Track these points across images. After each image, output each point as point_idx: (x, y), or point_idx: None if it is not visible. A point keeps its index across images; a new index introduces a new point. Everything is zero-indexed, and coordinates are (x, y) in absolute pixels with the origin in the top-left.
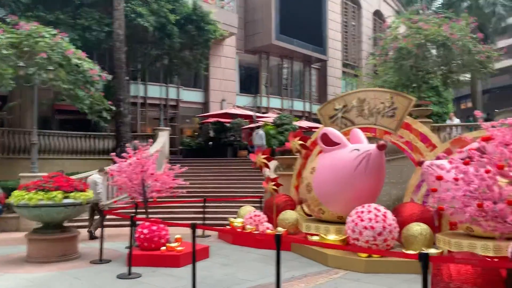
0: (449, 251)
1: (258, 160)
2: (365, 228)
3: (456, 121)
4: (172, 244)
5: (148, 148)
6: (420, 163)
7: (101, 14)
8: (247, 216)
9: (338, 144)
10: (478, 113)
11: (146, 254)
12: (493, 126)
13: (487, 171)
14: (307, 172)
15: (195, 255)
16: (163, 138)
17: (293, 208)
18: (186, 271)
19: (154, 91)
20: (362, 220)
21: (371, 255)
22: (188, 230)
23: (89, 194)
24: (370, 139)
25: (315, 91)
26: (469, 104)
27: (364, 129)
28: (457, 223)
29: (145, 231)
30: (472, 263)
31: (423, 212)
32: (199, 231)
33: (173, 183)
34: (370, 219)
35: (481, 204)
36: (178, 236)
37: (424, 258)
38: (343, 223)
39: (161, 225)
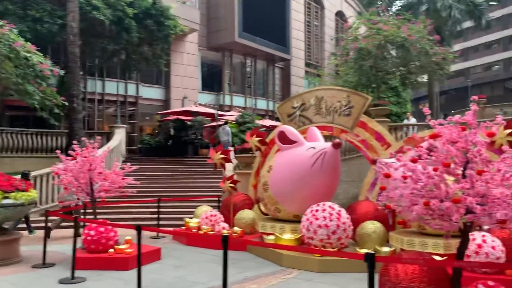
0: (401, 249)
1: (216, 158)
2: (320, 226)
3: (413, 120)
4: (121, 246)
5: (97, 145)
6: (374, 162)
7: (53, 6)
8: (203, 216)
9: (295, 142)
10: (426, 110)
11: (92, 257)
12: (440, 124)
13: (435, 169)
14: (264, 170)
15: (145, 258)
16: (119, 135)
17: (251, 207)
18: (135, 274)
19: (112, 87)
20: (316, 219)
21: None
22: (142, 232)
23: (32, 194)
24: (328, 138)
25: (278, 90)
26: (427, 105)
27: (321, 128)
28: (405, 221)
29: (92, 232)
30: (417, 262)
31: (377, 210)
32: (153, 232)
33: (122, 182)
34: (325, 218)
35: (427, 202)
36: (128, 237)
37: (370, 259)
38: (299, 221)
39: (109, 227)
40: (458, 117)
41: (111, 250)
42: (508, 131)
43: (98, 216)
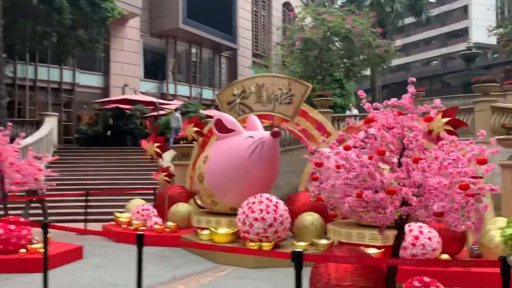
0: (339, 242)
1: (150, 148)
2: (256, 220)
3: (355, 111)
4: (35, 245)
5: (8, 133)
6: (312, 151)
7: None
8: (134, 210)
9: (232, 131)
10: (361, 93)
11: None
12: (376, 109)
13: (370, 157)
14: (200, 161)
15: (63, 257)
16: (49, 124)
17: (188, 200)
18: (50, 277)
19: (46, 73)
20: (253, 212)
21: (261, 248)
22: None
23: None
24: (269, 128)
25: (225, 80)
26: (370, 99)
27: (262, 116)
28: (337, 214)
29: (0, 231)
30: (348, 261)
31: (315, 201)
32: (81, 228)
33: (38, 174)
34: (261, 210)
35: (360, 193)
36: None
37: (296, 257)
38: (237, 215)
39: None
40: (395, 100)
41: (23, 250)
42: (446, 119)
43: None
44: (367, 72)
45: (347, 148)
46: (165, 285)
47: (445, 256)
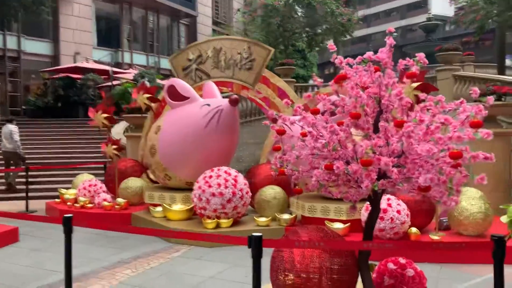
0: (303, 217)
1: (98, 118)
2: (213, 195)
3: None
4: None
5: None
6: (274, 120)
7: None
8: (81, 186)
9: (187, 98)
10: (331, 46)
11: None
12: (349, 65)
13: (340, 123)
14: (152, 132)
15: None
16: None
17: (140, 174)
18: None
19: None
20: (210, 186)
21: (219, 226)
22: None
23: None
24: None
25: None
26: (332, 70)
27: (220, 83)
28: (301, 190)
29: None
30: (314, 246)
31: (278, 175)
32: (22, 207)
33: None
34: (219, 185)
35: (330, 165)
36: None
37: (255, 242)
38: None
39: None
40: (371, 54)
41: None
42: (416, 84)
43: None
44: (330, 42)
45: (314, 112)
46: (108, 271)
47: (414, 230)
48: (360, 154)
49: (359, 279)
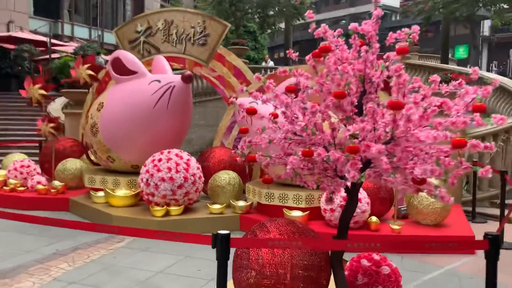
0: (259, 204)
1: (32, 92)
2: (163, 180)
3: (271, 63)
4: None
5: None
6: (231, 101)
7: None
8: (12, 166)
9: (134, 73)
10: (309, 15)
11: None
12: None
13: (314, 104)
14: (94, 109)
15: None
16: None
17: (80, 155)
18: None
19: None
20: (159, 171)
21: (168, 213)
22: None
23: None
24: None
25: None
26: (282, 54)
27: (171, 59)
28: (271, 179)
29: None
30: (284, 245)
31: (233, 157)
32: None
33: None
34: (169, 169)
35: (309, 151)
36: None
37: (222, 243)
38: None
39: None
40: (356, 25)
41: None
42: None
43: None
44: (282, 25)
45: (290, 90)
46: (41, 265)
47: (374, 219)
48: (343, 139)
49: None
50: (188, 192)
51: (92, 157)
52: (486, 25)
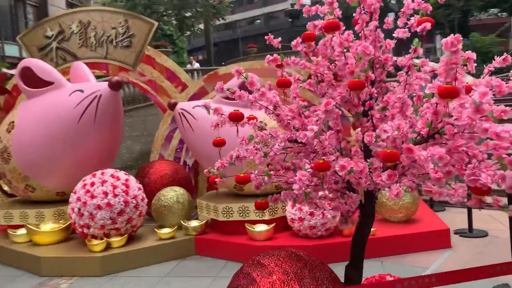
0: (214, 221)
1: None
2: (99, 207)
3: (196, 65)
4: None
5: None
6: (172, 106)
7: None
8: None
9: (50, 83)
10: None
11: None
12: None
13: (329, 102)
14: (2, 131)
15: None
16: None
17: None
18: None
19: None
20: (93, 197)
21: (109, 246)
22: None
23: None
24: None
25: None
26: (200, 57)
27: (91, 66)
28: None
29: None
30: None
31: (176, 171)
32: None
33: None
34: (106, 193)
35: (324, 164)
36: None
37: None
38: (68, 201)
39: None
40: None
41: None
42: None
43: None
44: (201, 26)
45: (283, 84)
46: None
47: None
48: (354, 142)
49: None
50: (130, 218)
51: (6, 188)
52: None
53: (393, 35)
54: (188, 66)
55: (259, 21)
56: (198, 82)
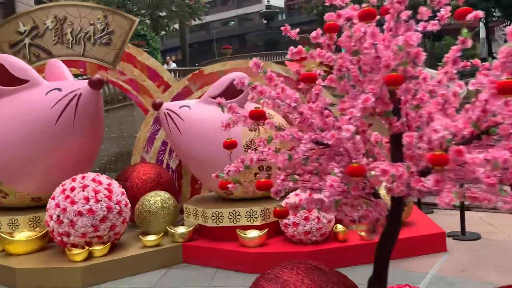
0: (202, 227)
1: None
2: (80, 214)
3: (173, 65)
4: None
5: None
6: (157, 106)
7: None
8: None
9: (25, 81)
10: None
11: None
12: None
13: (368, 98)
14: None
15: None
16: None
17: None
18: None
19: None
20: (73, 203)
21: (91, 255)
22: None
23: None
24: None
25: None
26: (174, 58)
27: (68, 64)
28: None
29: None
30: None
31: (160, 174)
32: None
33: None
34: (87, 199)
35: (359, 169)
36: None
37: None
38: (44, 207)
39: None
40: None
41: None
42: None
43: None
44: (176, 26)
45: (307, 79)
46: None
47: (340, 227)
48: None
49: None
50: (114, 225)
51: None
52: None
53: (417, 28)
54: (165, 66)
55: (233, 22)
56: (182, 81)
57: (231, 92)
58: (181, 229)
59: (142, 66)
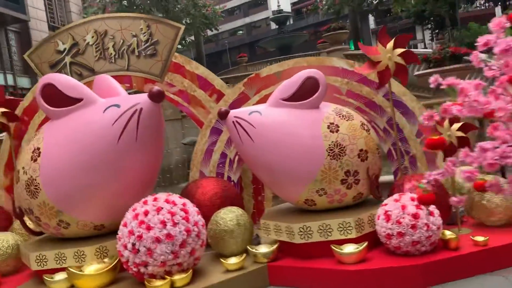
0: (286, 244)
1: None
2: (158, 240)
3: None
4: None
5: None
6: (223, 114)
7: None
8: None
9: (78, 100)
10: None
11: None
12: None
13: None
14: (25, 160)
15: None
16: None
17: (8, 226)
18: None
19: None
20: (149, 229)
21: (173, 286)
22: None
23: None
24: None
25: (18, 60)
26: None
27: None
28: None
29: None
30: None
31: (226, 189)
32: None
33: None
34: (164, 223)
35: None
36: None
37: None
38: (108, 235)
39: None
40: None
41: None
42: (399, 50)
43: None
44: (191, 38)
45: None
46: None
47: (448, 233)
48: None
49: None
50: (193, 250)
51: (31, 226)
52: (370, 19)
53: None
54: None
55: (241, 31)
56: (237, 87)
57: (301, 92)
58: (263, 248)
59: (192, 76)
